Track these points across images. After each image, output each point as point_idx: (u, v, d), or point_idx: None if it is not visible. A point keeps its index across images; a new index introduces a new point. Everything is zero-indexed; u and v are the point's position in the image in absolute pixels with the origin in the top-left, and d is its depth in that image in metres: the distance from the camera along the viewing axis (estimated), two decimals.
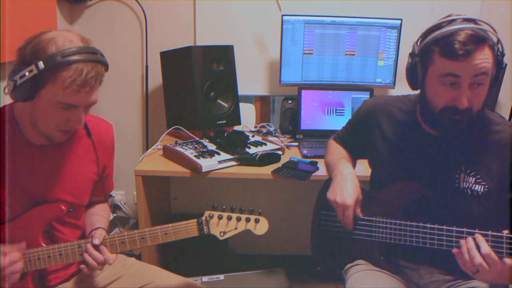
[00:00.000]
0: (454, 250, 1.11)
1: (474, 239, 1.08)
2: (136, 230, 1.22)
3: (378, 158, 1.37)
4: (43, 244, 1.21)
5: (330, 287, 2.29)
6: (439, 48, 1.10)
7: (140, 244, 1.22)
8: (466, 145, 1.23)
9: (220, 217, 1.20)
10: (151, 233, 1.21)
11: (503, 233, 1.06)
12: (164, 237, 1.21)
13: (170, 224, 1.21)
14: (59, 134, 1.17)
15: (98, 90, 1.16)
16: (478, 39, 1.07)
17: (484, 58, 1.08)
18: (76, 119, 1.14)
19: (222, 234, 1.20)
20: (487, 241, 1.07)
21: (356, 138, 1.46)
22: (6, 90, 1.11)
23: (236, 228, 1.20)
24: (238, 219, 1.20)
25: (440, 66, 1.12)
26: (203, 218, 1.20)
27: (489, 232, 1.07)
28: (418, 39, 1.18)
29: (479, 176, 1.21)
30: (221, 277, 1.97)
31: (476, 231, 1.08)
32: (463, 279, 1.30)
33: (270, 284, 1.97)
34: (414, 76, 1.19)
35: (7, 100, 1.23)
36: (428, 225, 1.18)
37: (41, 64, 1.05)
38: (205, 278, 1.94)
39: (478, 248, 1.07)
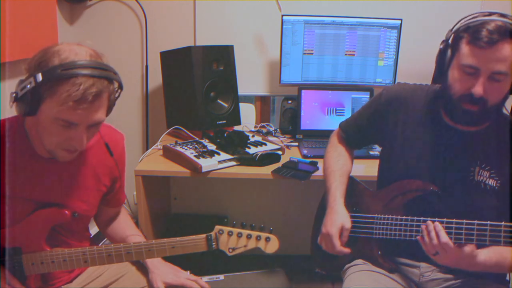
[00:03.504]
0: (418, 237, 1.19)
1: (435, 226, 1.15)
2: (142, 241, 1.21)
3: (395, 144, 1.36)
4: (47, 248, 1.19)
5: (330, 287, 2.30)
6: (468, 34, 1.14)
7: (146, 256, 1.21)
8: (483, 140, 1.25)
9: (230, 234, 1.17)
10: (158, 246, 1.19)
11: (501, 223, 1.11)
12: (171, 250, 1.19)
13: (178, 238, 1.19)
14: (63, 153, 1.12)
15: (105, 108, 1.09)
16: (506, 31, 1.09)
17: (506, 54, 1.09)
18: (77, 139, 1.07)
19: (231, 250, 1.18)
20: (485, 230, 1.11)
21: (371, 124, 1.44)
22: (10, 103, 1.07)
23: (245, 246, 1.19)
24: (249, 237, 1.17)
25: (464, 53, 1.14)
26: (213, 233, 1.18)
27: (488, 222, 1.12)
28: (453, 27, 1.21)
29: (493, 171, 1.23)
30: (221, 277, 1.96)
31: (488, 222, 1.11)
32: (464, 278, 1.31)
33: (270, 284, 1.96)
34: (442, 62, 1.22)
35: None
36: (436, 219, 1.19)
37: (39, 77, 0.99)
38: (205, 278, 1.94)
39: (438, 236, 1.14)
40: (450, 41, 1.20)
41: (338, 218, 1.32)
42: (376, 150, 1.95)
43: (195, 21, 2.35)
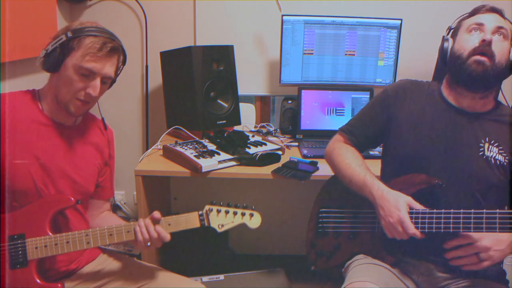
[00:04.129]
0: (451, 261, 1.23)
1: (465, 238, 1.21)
2: (141, 221, 1.27)
3: (402, 131, 1.38)
4: (50, 233, 1.24)
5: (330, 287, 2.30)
6: (468, 15, 1.33)
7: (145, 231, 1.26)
8: (489, 120, 1.32)
9: (218, 211, 1.30)
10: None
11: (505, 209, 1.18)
12: (168, 227, 1.28)
13: (174, 216, 1.29)
14: (77, 103, 1.28)
15: (115, 68, 1.31)
16: (501, 10, 1.31)
17: (504, 21, 1.29)
18: (93, 86, 1.26)
19: (220, 226, 1.30)
20: (494, 218, 1.14)
21: (377, 118, 1.44)
22: (38, 62, 1.29)
23: (232, 222, 1.30)
24: (235, 213, 1.31)
25: (468, 21, 1.31)
26: (203, 211, 1.30)
27: (497, 210, 1.15)
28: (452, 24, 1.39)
29: (501, 148, 1.29)
30: (221, 277, 1.97)
31: (497, 211, 1.14)
32: (463, 278, 1.31)
33: (270, 284, 1.97)
34: (445, 52, 1.34)
35: None
36: (443, 210, 1.21)
37: (69, 33, 1.25)
38: (205, 278, 1.94)
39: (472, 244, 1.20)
40: (452, 29, 1.38)
41: (399, 199, 1.22)
42: (376, 150, 1.95)
43: (195, 21, 2.35)
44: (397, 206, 1.21)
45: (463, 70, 1.27)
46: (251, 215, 1.31)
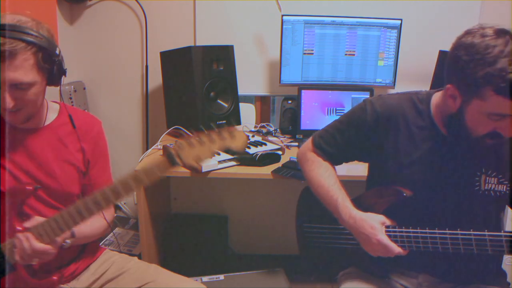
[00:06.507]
0: None
1: None
2: (106, 187, 1.11)
3: (387, 162, 1.25)
4: (21, 228, 1.14)
5: (330, 287, 2.30)
6: (493, 86, 1.00)
7: (114, 198, 1.11)
8: (483, 148, 1.16)
9: (190, 144, 1.03)
10: (122, 184, 1.10)
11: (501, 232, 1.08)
12: (137, 183, 1.11)
13: (141, 168, 1.10)
14: (7, 114, 1.14)
15: (27, 70, 1.10)
16: None
17: None
18: (2, 99, 1.09)
19: (197, 159, 1.05)
20: (485, 240, 1.08)
21: (354, 143, 1.31)
22: None
23: (212, 151, 1.05)
24: (212, 141, 1.03)
25: (491, 104, 1.03)
26: (172, 150, 1.05)
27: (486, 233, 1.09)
28: (455, 54, 1.06)
29: (501, 176, 1.17)
30: (221, 277, 1.97)
31: (486, 232, 1.09)
32: (464, 285, 1.29)
33: (270, 284, 1.97)
34: (452, 102, 1.12)
35: None
36: (428, 230, 1.16)
37: None
38: (205, 278, 1.94)
39: None
40: (463, 85, 1.07)
41: (372, 223, 1.18)
42: None
43: (195, 21, 2.35)
44: (374, 232, 1.17)
45: (474, 144, 1.14)
46: (231, 135, 1.03)
